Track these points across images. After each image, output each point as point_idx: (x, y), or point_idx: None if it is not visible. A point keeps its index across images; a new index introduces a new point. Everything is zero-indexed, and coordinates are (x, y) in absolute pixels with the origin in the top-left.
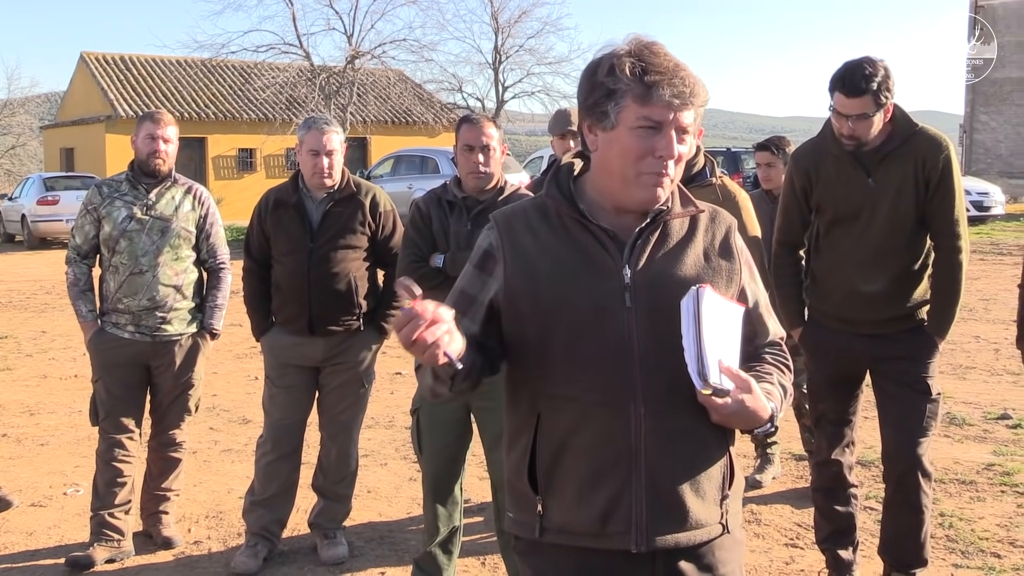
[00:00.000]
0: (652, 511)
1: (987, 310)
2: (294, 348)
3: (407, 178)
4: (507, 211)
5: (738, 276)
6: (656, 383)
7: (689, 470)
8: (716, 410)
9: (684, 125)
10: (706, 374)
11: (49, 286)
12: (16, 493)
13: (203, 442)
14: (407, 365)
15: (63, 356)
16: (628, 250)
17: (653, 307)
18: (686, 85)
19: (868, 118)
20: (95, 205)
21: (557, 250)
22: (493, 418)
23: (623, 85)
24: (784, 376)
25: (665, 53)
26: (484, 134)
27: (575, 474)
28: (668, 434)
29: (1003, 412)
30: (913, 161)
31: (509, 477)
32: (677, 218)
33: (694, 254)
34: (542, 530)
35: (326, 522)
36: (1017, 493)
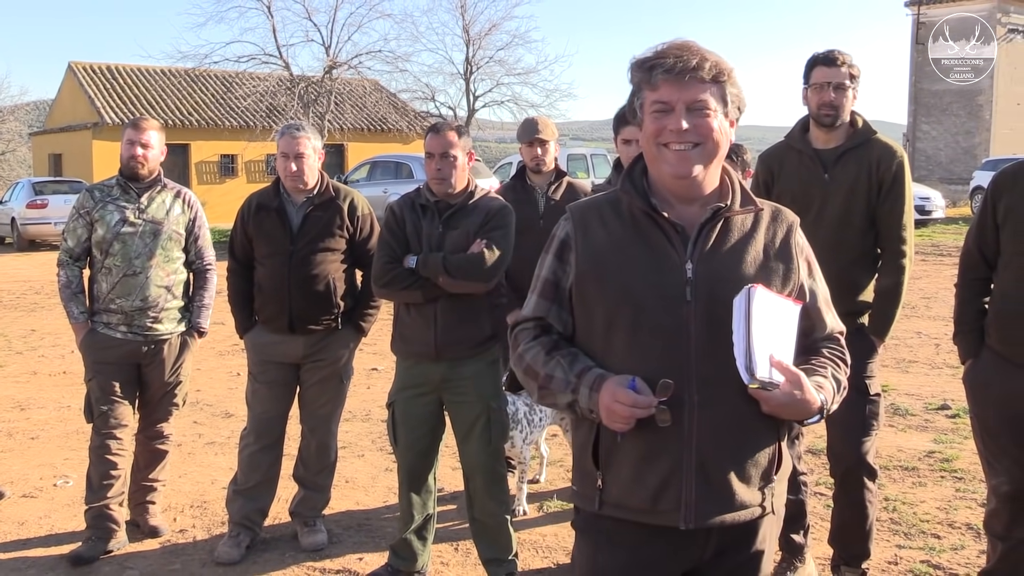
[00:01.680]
0: (700, 492)
1: (928, 308)
2: (275, 346)
3: (382, 183)
4: (583, 204)
5: (796, 274)
6: (709, 373)
7: (736, 456)
8: (765, 401)
9: (696, 100)
10: (753, 369)
11: (38, 286)
12: (8, 485)
13: (188, 435)
14: (383, 361)
15: (52, 353)
16: (692, 245)
17: (711, 301)
18: (682, 60)
19: (844, 89)
20: (87, 209)
21: (626, 242)
22: (464, 412)
23: (637, 78)
24: (839, 370)
25: (676, 43)
26: (445, 141)
27: (632, 454)
28: (718, 421)
29: (943, 403)
30: (868, 163)
31: (576, 454)
32: (738, 215)
33: (754, 251)
34: (601, 503)
35: (306, 511)
36: (956, 478)
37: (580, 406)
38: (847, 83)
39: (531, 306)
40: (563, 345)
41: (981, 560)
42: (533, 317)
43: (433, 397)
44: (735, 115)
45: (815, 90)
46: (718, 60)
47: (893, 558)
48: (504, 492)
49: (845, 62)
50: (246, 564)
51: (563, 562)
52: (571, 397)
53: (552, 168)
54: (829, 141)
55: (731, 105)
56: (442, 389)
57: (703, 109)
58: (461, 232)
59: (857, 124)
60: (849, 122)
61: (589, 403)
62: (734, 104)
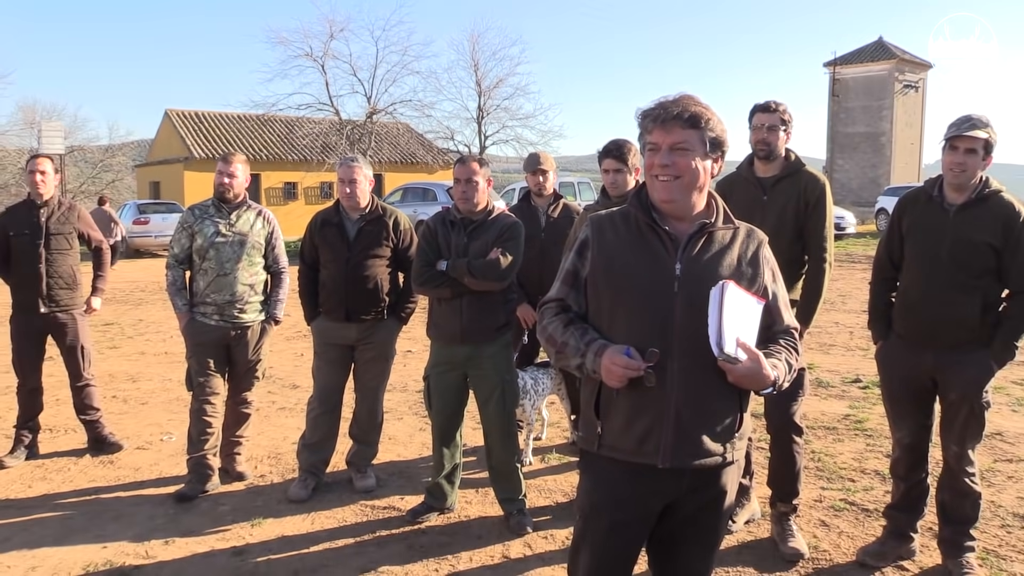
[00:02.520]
0: (676, 439)
1: (844, 303)
2: (335, 331)
3: (412, 204)
4: (601, 214)
5: (761, 278)
6: (688, 349)
7: (706, 414)
8: (730, 372)
9: (677, 142)
10: (722, 345)
11: (143, 286)
12: (125, 439)
13: (264, 402)
14: (416, 345)
15: (156, 338)
16: (681, 250)
17: (693, 294)
18: (666, 110)
19: (776, 130)
20: (189, 223)
21: (631, 245)
22: (485, 383)
23: (639, 124)
24: (792, 356)
25: (671, 96)
26: (469, 170)
27: (624, 408)
28: (693, 386)
29: (856, 377)
30: (797, 188)
31: (582, 406)
32: (720, 231)
33: (730, 258)
34: (599, 445)
35: (359, 460)
36: (866, 435)
37: (587, 367)
38: (779, 125)
39: (555, 290)
40: (577, 321)
41: (886, 498)
42: (556, 298)
43: (459, 372)
44: (716, 154)
45: (754, 130)
46: (699, 111)
47: (819, 497)
48: (515, 446)
49: (778, 109)
50: (312, 502)
51: (561, 501)
52: (580, 360)
53: (551, 192)
54: (768, 171)
55: (711, 147)
56: (466, 366)
57: (683, 149)
58: (482, 242)
59: (790, 158)
60: (784, 156)
61: (594, 365)
62: (714, 146)
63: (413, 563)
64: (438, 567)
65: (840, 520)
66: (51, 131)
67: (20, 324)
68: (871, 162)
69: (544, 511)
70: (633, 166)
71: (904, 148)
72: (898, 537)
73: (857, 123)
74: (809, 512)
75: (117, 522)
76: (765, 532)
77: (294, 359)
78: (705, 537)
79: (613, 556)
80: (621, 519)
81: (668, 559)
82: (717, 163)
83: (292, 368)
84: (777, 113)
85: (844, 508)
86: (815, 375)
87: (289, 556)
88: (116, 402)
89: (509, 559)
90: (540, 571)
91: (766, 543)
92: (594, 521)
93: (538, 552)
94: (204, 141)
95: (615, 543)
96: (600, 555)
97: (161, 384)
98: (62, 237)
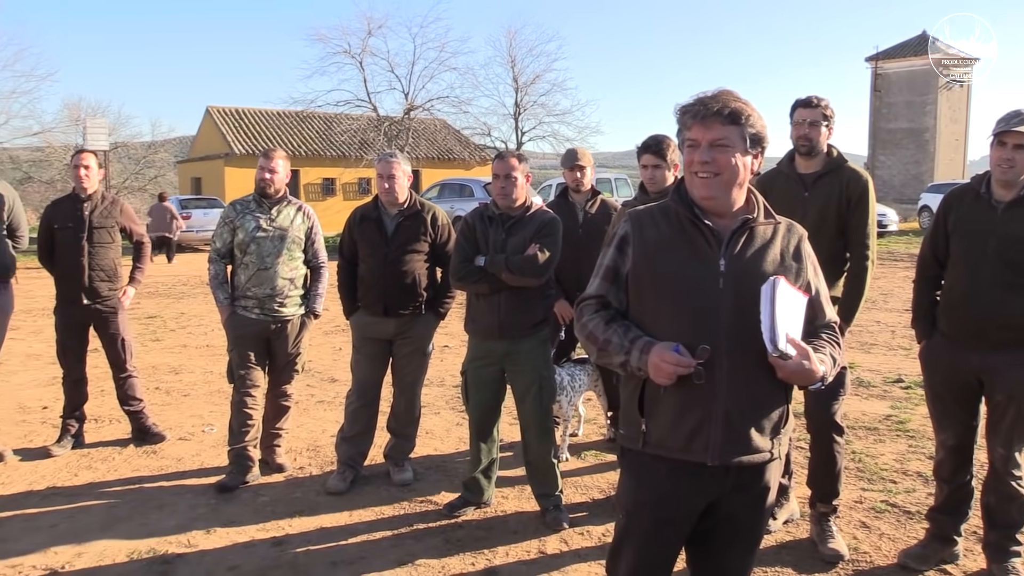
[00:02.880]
0: (724, 437)
1: (886, 302)
2: (373, 325)
3: (449, 200)
4: (640, 210)
5: (804, 273)
6: (735, 345)
7: (754, 411)
8: (780, 369)
9: (716, 139)
10: (776, 342)
11: (185, 280)
12: (168, 430)
13: (303, 395)
14: (453, 340)
15: (197, 331)
16: (724, 246)
17: (738, 290)
18: (705, 106)
19: (818, 126)
20: (231, 218)
21: (674, 241)
22: (521, 379)
23: (678, 120)
24: (835, 350)
25: (710, 92)
26: (508, 166)
27: (671, 405)
28: (741, 383)
29: (898, 377)
30: (839, 185)
31: (623, 404)
32: (761, 226)
33: (773, 254)
34: (644, 443)
35: (397, 454)
36: (908, 436)
37: (631, 365)
38: (820, 121)
39: (594, 287)
40: (618, 318)
41: (929, 500)
42: (595, 295)
43: (497, 367)
44: (756, 150)
45: (796, 126)
46: (739, 106)
47: (859, 498)
48: (552, 442)
49: (820, 104)
50: (350, 494)
51: (597, 497)
52: (624, 358)
53: (589, 188)
54: (809, 167)
55: (751, 143)
56: (504, 361)
57: (723, 146)
58: (520, 238)
59: (832, 154)
60: (826, 152)
61: (639, 363)
62: (755, 142)
63: (450, 556)
64: (474, 561)
65: (881, 522)
66: (96, 128)
67: (64, 316)
68: (914, 158)
69: (580, 507)
70: (672, 162)
71: (948, 144)
72: (941, 540)
73: (900, 119)
74: (849, 513)
75: (160, 511)
76: (804, 533)
77: (333, 353)
78: (746, 535)
79: (655, 554)
80: (664, 517)
81: (708, 557)
82: (757, 159)
83: (331, 362)
84: (819, 108)
85: (885, 510)
86: (856, 374)
87: (327, 547)
88: (159, 393)
89: (545, 554)
90: (576, 567)
91: (805, 544)
92: (637, 519)
93: (574, 548)
94: (244, 137)
95: (658, 541)
96: (642, 553)
97: (203, 376)
98: (104, 231)
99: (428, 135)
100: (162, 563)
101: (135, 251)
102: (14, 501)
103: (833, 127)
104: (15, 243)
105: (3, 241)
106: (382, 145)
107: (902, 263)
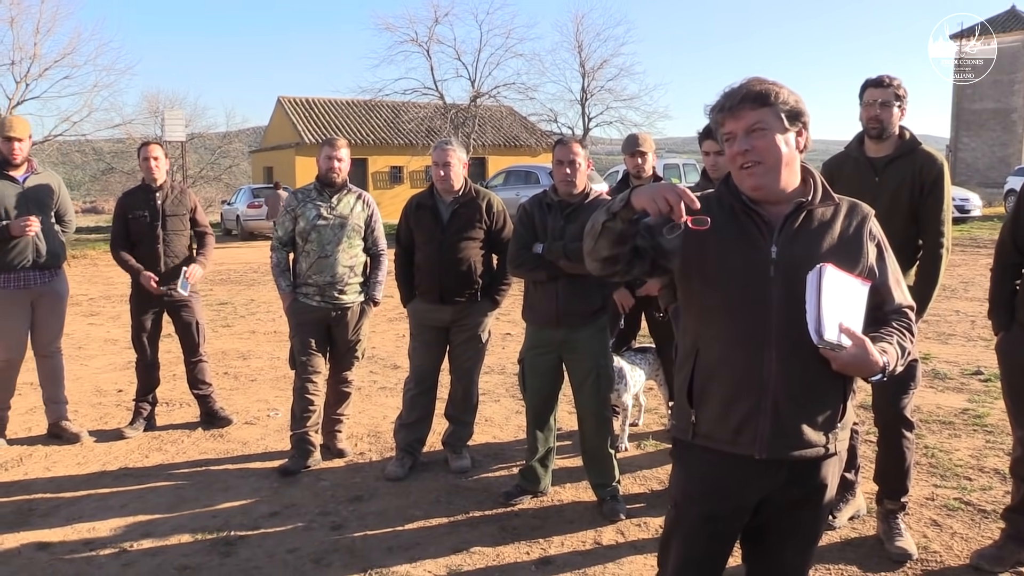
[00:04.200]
0: (773, 430)
1: (966, 290)
2: (430, 313)
3: (515, 187)
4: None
5: (865, 258)
6: (786, 335)
7: (805, 403)
8: (834, 360)
9: (750, 125)
10: (822, 332)
11: (256, 267)
12: (235, 414)
13: (365, 381)
14: (515, 328)
15: (266, 318)
16: (776, 232)
17: (790, 278)
18: (729, 98)
19: (889, 107)
20: (292, 207)
21: (725, 229)
22: (579, 367)
23: (712, 120)
24: (904, 338)
25: (734, 84)
26: (571, 152)
27: (719, 396)
28: (791, 374)
29: (977, 369)
30: (912, 169)
31: (676, 394)
32: (819, 208)
33: (830, 238)
34: (693, 434)
35: (455, 441)
36: (986, 432)
37: (612, 210)
38: (892, 101)
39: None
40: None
41: (1006, 499)
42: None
43: (554, 355)
44: (797, 126)
45: (865, 107)
46: (765, 88)
47: (931, 495)
48: (609, 431)
49: (891, 84)
50: (408, 480)
51: (656, 489)
52: (606, 214)
53: (650, 174)
54: (880, 151)
55: (789, 120)
56: (561, 349)
57: (759, 130)
58: (578, 225)
59: (905, 136)
60: (898, 135)
61: (620, 203)
62: (792, 117)
63: (505, 545)
64: (529, 550)
65: (953, 520)
66: (173, 119)
67: (139, 301)
68: (1000, 140)
69: (638, 498)
70: None
71: None
72: (1017, 541)
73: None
74: (920, 510)
75: (225, 493)
76: (871, 530)
77: (396, 340)
78: (803, 532)
79: (705, 548)
80: (714, 511)
81: (763, 553)
82: (801, 136)
83: (393, 348)
84: (891, 88)
85: (958, 508)
86: (931, 366)
87: (384, 532)
88: (227, 378)
89: (601, 545)
90: (632, 559)
91: (871, 541)
92: (686, 512)
93: (630, 540)
94: (314, 127)
95: (707, 535)
96: (691, 547)
97: (270, 362)
98: (177, 218)
99: (494, 122)
100: (225, 544)
101: (199, 241)
102: (88, 481)
103: (906, 108)
104: (63, 228)
105: (52, 229)
106: (449, 133)
107: (985, 250)
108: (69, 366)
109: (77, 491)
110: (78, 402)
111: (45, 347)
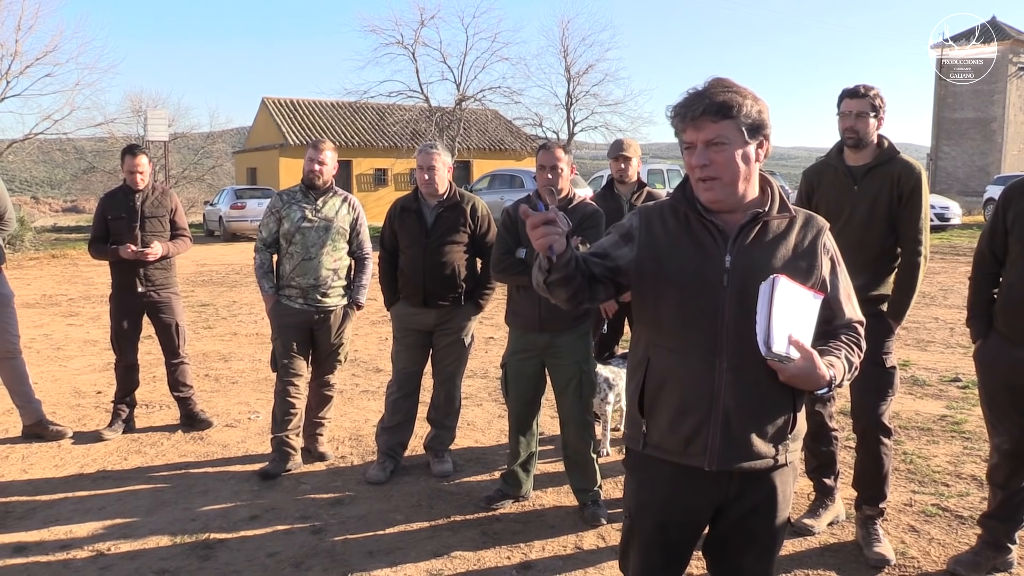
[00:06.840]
0: (723, 441)
1: (945, 298)
2: (413, 316)
3: (500, 191)
4: (649, 206)
5: (818, 270)
6: (737, 346)
7: (755, 415)
8: (781, 372)
9: (707, 139)
10: (770, 344)
11: (238, 268)
12: (215, 417)
13: (347, 384)
14: (498, 332)
15: (248, 319)
16: (731, 241)
17: (743, 288)
18: (691, 107)
19: (865, 117)
20: (277, 208)
21: (679, 238)
22: (561, 372)
23: (672, 123)
24: (852, 353)
25: (702, 86)
26: (554, 157)
27: (669, 406)
28: (742, 386)
29: (955, 376)
30: (890, 178)
31: (628, 403)
32: (775, 219)
33: (784, 249)
34: (644, 444)
35: (437, 445)
36: (964, 438)
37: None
38: (868, 112)
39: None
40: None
41: (983, 505)
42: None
43: (537, 360)
44: (757, 138)
45: (842, 117)
46: (728, 98)
47: (909, 501)
48: (591, 436)
49: (868, 94)
50: (390, 484)
51: None
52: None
53: (635, 180)
54: (859, 159)
55: (750, 132)
56: (544, 354)
57: (719, 144)
58: None
59: (883, 145)
60: (876, 144)
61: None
62: (753, 131)
63: (486, 549)
64: (510, 555)
65: (931, 526)
66: (156, 119)
67: (119, 303)
68: (980, 149)
69: (619, 503)
70: None
71: (1018, 135)
72: (994, 547)
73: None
74: (898, 516)
75: (204, 496)
76: (849, 535)
77: (379, 343)
78: (760, 541)
79: (662, 557)
80: (667, 521)
81: (724, 564)
82: (762, 147)
83: (376, 351)
84: (867, 99)
85: (936, 514)
86: (910, 373)
87: (365, 536)
88: (208, 380)
89: (582, 550)
90: (613, 563)
91: (849, 547)
92: (640, 522)
93: (611, 544)
94: (298, 128)
95: (662, 544)
96: (648, 556)
97: (251, 364)
98: (156, 220)
99: (479, 126)
100: (204, 548)
101: (172, 236)
102: (66, 483)
103: (884, 117)
104: (2, 227)
105: None
106: (433, 136)
107: (964, 258)
108: (48, 367)
109: (54, 493)
110: (56, 403)
111: (1, 352)
